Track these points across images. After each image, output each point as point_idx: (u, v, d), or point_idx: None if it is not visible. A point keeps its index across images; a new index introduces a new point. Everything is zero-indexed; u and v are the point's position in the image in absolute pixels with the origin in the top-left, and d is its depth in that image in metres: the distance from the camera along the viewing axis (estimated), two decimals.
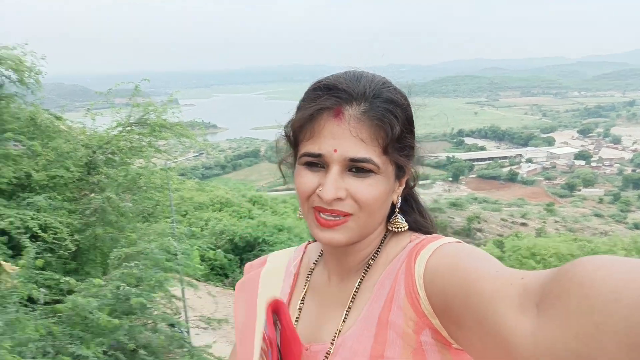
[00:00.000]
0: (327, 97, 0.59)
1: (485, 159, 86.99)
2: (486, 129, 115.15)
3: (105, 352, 3.98)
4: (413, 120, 0.65)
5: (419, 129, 0.68)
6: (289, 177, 0.70)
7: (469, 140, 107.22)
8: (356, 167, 0.59)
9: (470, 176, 78.75)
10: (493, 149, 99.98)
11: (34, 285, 4.14)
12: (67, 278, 4.30)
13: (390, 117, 0.59)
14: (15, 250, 4.57)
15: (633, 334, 0.31)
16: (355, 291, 0.65)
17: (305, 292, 0.72)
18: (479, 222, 33.66)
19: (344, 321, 0.63)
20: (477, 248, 0.55)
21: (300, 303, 0.71)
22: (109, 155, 6.37)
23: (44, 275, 4.30)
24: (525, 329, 0.39)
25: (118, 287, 4.25)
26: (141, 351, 4.12)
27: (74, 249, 5.09)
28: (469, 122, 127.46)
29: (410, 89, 0.67)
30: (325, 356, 0.62)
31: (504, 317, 0.42)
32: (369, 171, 0.59)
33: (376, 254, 0.66)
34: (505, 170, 78.62)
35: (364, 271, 0.65)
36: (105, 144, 6.46)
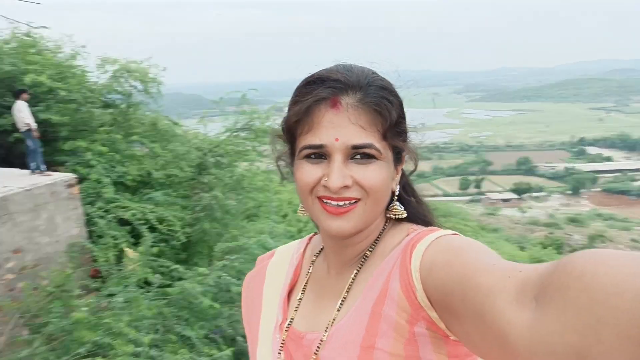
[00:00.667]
0: (323, 88, 0.60)
1: (612, 171, 77.81)
2: (614, 137, 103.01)
3: (206, 336, 4.28)
4: (403, 106, 0.66)
5: (535, 136, 0.64)
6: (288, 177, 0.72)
7: (591, 150, 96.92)
8: (359, 154, 0.59)
9: (594, 190, 70.89)
10: (622, 160, 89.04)
11: (150, 270, 4.62)
12: (178, 266, 4.73)
13: (386, 103, 0.60)
14: (136, 239, 5.15)
15: (635, 327, 0.31)
16: (351, 282, 0.65)
17: (307, 282, 0.74)
18: (603, 242, 30.13)
19: (337, 310, 0.64)
20: (475, 240, 0.54)
21: (301, 293, 0.73)
22: (218, 158, 6.90)
23: (158, 262, 4.78)
24: (523, 322, 0.39)
25: (219, 277, 4.56)
26: (239, 338, 4.35)
27: (184, 240, 5.59)
28: (592, 129, 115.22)
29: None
30: (318, 345, 0.63)
31: (501, 311, 0.41)
32: (372, 157, 0.60)
33: (374, 245, 0.66)
34: (637, 184, 69.41)
35: (361, 263, 0.66)
36: (214, 148, 7.01)
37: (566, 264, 0.38)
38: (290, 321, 0.70)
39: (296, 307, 0.72)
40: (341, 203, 0.59)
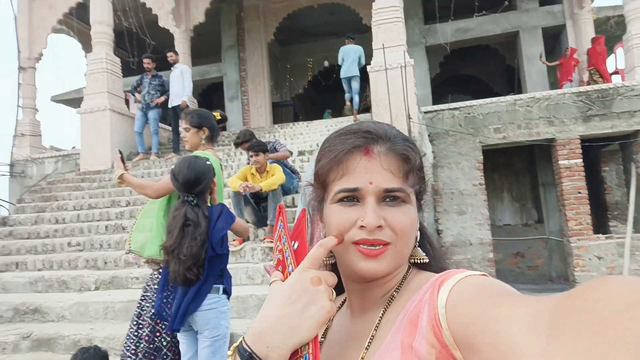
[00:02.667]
0: (355, 138, 0.65)
1: None
2: None
3: None
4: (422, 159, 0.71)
5: None
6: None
7: None
8: (389, 197, 0.63)
9: None
10: None
11: None
12: None
13: (411, 152, 0.66)
14: None
15: None
16: (379, 320, 0.65)
17: (326, 330, 0.73)
18: None
19: (366, 349, 0.63)
20: (504, 283, 0.54)
21: (322, 338, 0.71)
22: None
23: None
24: (536, 350, 0.39)
25: None
26: None
27: None
28: None
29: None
30: None
31: (516, 340, 0.41)
32: (402, 201, 0.64)
33: (400, 286, 0.67)
34: None
35: (388, 302, 0.66)
36: None
37: (581, 291, 0.38)
38: None
39: None
40: (376, 246, 0.62)
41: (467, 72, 13.95)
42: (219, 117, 2.94)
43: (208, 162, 2.37)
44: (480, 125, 7.98)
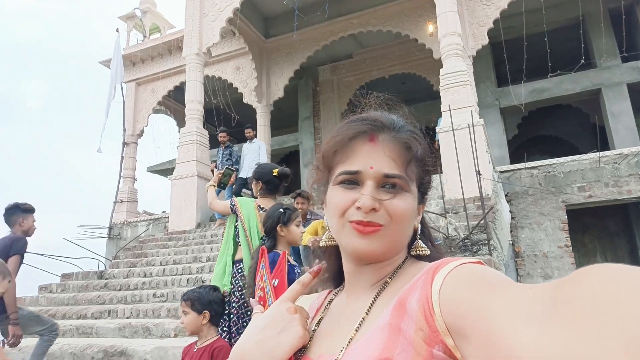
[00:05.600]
0: (362, 125, 0.68)
1: None
2: None
3: None
4: (429, 152, 0.72)
5: None
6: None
7: None
8: (388, 184, 0.65)
9: None
10: None
11: None
12: None
13: (414, 141, 0.68)
14: None
15: None
16: (371, 304, 0.65)
17: (322, 316, 0.73)
18: None
19: (356, 331, 0.63)
20: (500, 272, 0.54)
21: (316, 326, 0.72)
22: None
23: None
24: (528, 336, 0.38)
25: None
26: None
27: None
28: None
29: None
30: None
31: (507, 327, 0.41)
32: (400, 188, 0.65)
33: (394, 274, 0.68)
34: None
35: (382, 287, 0.67)
36: None
37: (575, 278, 0.38)
38: (302, 350, 0.68)
39: (310, 338, 0.70)
40: (369, 227, 0.64)
41: (548, 133, 13.47)
42: (276, 174, 3.12)
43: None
44: (562, 184, 7.60)
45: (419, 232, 0.71)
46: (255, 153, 8.43)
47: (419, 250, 0.70)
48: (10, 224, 3.55)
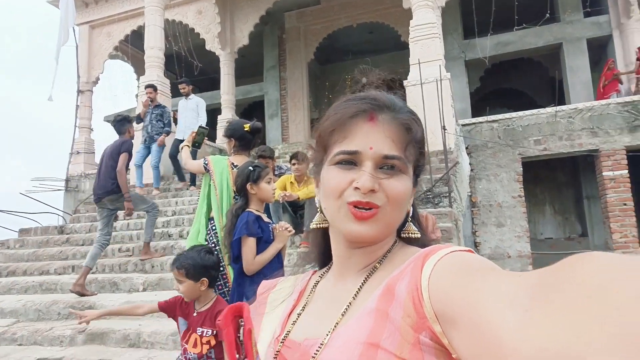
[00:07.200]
0: (362, 103, 0.65)
1: None
2: None
3: None
4: (425, 137, 0.71)
5: None
6: None
7: None
8: (387, 165, 0.64)
9: None
10: None
11: None
12: None
13: (413, 123, 0.66)
14: None
15: (632, 325, 0.29)
16: (359, 288, 0.65)
17: (308, 300, 0.72)
18: None
19: (342, 315, 0.62)
20: (490, 261, 0.53)
21: (301, 310, 0.71)
22: None
23: None
24: (515, 322, 0.37)
25: None
26: None
27: None
28: None
29: None
30: (318, 348, 0.61)
31: (494, 313, 0.41)
32: (398, 170, 0.64)
33: (383, 258, 0.67)
34: None
35: (370, 272, 0.66)
36: None
37: (564, 265, 0.37)
38: (286, 333, 0.68)
39: (294, 321, 0.70)
40: (367, 208, 0.62)
41: (509, 86, 13.75)
42: (248, 129, 3.09)
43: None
44: (520, 138, 7.88)
45: (410, 214, 0.71)
46: (193, 111, 7.72)
47: (410, 233, 0.70)
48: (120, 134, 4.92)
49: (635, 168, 7.47)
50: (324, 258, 0.76)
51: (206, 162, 2.93)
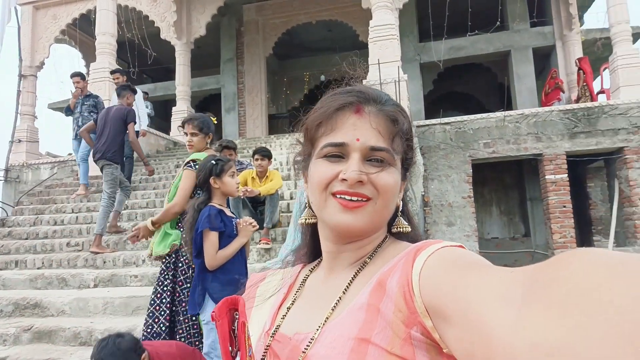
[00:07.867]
0: (348, 96, 0.66)
1: None
2: None
3: None
4: (412, 129, 0.72)
5: None
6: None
7: None
8: (374, 158, 0.63)
9: None
10: None
11: None
12: None
13: (400, 115, 0.67)
14: None
15: (625, 322, 0.29)
16: (349, 283, 0.64)
17: (297, 294, 0.72)
18: None
19: (332, 310, 0.62)
20: (481, 256, 0.53)
21: (291, 303, 0.71)
22: None
23: None
24: (507, 319, 0.37)
25: None
26: None
27: None
28: None
29: None
30: (308, 343, 0.60)
31: (486, 308, 0.40)
32: (387, 163, 0.64)
33: (374, 253, 0.67)
34: None
35: (360, 267, 0.66)
36: None
37: (557, 261, 0.37)
38: (277, 327, 0.68)
39: (284, 315, 0.69)
40: (354, 198, 0.62)
41: (460, 90, 14.30)
42: (216, 122, 3.15)
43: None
44: (471, 140, 8.22)
45: (400, 208, 0.70)
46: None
47: (400, 228, 0.69)
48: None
49: (573, 172, 8.01)
50: (313, 252, 0.76)
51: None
